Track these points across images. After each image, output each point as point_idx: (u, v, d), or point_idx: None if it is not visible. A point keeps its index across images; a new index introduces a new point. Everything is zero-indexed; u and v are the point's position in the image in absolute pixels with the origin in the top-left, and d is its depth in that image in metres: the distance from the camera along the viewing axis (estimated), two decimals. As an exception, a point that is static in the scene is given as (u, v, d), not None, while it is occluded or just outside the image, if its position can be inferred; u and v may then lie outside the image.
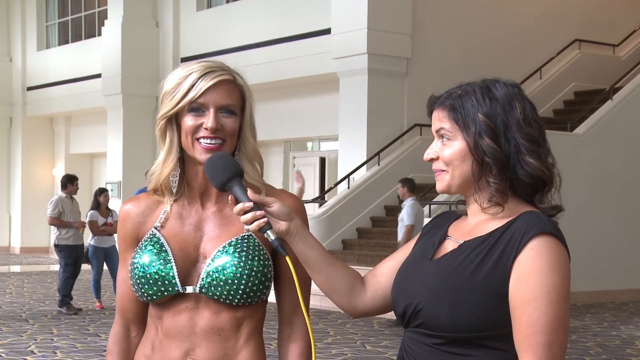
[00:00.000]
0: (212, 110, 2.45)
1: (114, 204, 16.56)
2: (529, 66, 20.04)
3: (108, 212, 14.44)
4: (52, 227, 14.41)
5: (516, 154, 2.24)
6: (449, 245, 2.34)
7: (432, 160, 2.34)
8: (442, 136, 2.32)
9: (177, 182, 2.55)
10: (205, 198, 2.57)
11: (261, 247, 2.48)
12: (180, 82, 2.47)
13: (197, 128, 2.46)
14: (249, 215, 2.32)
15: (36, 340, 11.36)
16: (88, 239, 14.35)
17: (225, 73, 2.49)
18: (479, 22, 19.53)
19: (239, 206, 2.33)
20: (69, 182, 14.39)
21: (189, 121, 2.47)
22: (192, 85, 2.45)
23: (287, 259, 2.33)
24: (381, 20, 17.89)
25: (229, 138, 2.49)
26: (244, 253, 2.45)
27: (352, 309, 2.49)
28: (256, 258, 2.46)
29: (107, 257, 14.24)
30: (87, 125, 28.67)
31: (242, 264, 2.44)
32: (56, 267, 21.33)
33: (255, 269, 2.44)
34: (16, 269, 23.84)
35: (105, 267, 14.41)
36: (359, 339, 11.78)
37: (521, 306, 2.13)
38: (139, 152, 24.30)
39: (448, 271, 2.24)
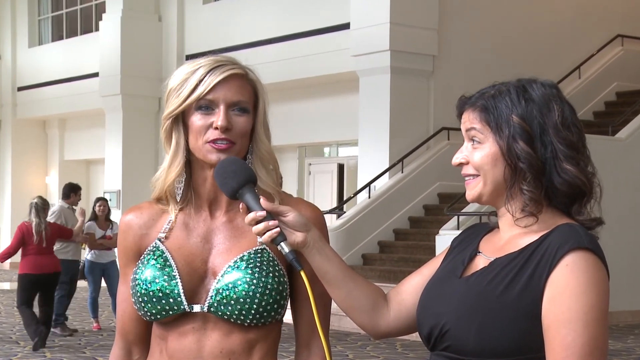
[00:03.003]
0: (222, 108, 2.44)
1: (113, 215, 16.56)
2: (566, 64, 19.98)
3: (108, 223, 14.42)
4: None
5: (553, 160, 2.24)
6: (480, 262, 2.34)
7: (461, 164, 2.34)
8: (472, 138, 2.32)
9: (182, 189, 2.53)
10: (215, 207, 2.54)
11: (276, 262, 2.46)
12: (187, 77, 2.46)
13: (207, 128, 2.44)
14: (261, 226, 2.30)
15: (28, 363, 11.39)
16: (85, 254, 14.33)
17: (236, 67, 2.48)
18: (511, 16, 19.50)
19: (251, 215, 2.32)
20: (72, 191, 14.37)
21: (197, 121, 2.45)
22: (200, 81, 2.43)
23: (302, 273, 2.31)
24: (405, 14, 17.87)
25: (241, 139, 2.47)
26: (257, 269, 2.42)
27: (374, 329, 2.48)
28: (270, 274, 2.43)
29: (105, 273, 14.18)
30: (83, 128, 28.72)
31: (254, 280, 2.41)
32: (49, 284, 21.35)
33: (269, 286, 2.41)
34: (6, 286, 23.87)
35: (103, 284, 14.38)
36: (380, 363, 11.78)
37: (555, 327, 2.13)
38: (139, 159, 24.31)
39: (477, 290, 2.24)
